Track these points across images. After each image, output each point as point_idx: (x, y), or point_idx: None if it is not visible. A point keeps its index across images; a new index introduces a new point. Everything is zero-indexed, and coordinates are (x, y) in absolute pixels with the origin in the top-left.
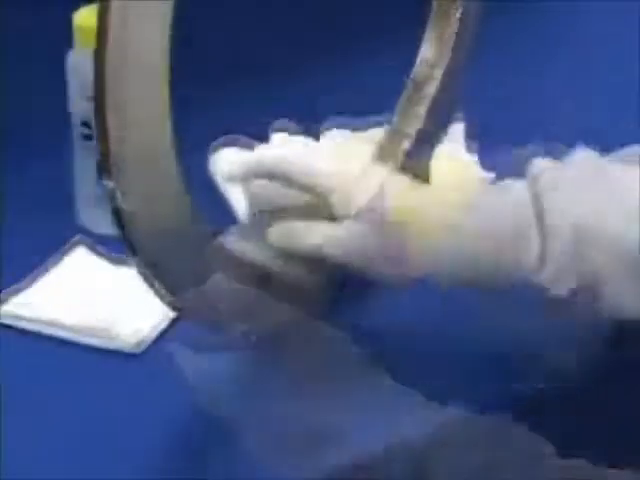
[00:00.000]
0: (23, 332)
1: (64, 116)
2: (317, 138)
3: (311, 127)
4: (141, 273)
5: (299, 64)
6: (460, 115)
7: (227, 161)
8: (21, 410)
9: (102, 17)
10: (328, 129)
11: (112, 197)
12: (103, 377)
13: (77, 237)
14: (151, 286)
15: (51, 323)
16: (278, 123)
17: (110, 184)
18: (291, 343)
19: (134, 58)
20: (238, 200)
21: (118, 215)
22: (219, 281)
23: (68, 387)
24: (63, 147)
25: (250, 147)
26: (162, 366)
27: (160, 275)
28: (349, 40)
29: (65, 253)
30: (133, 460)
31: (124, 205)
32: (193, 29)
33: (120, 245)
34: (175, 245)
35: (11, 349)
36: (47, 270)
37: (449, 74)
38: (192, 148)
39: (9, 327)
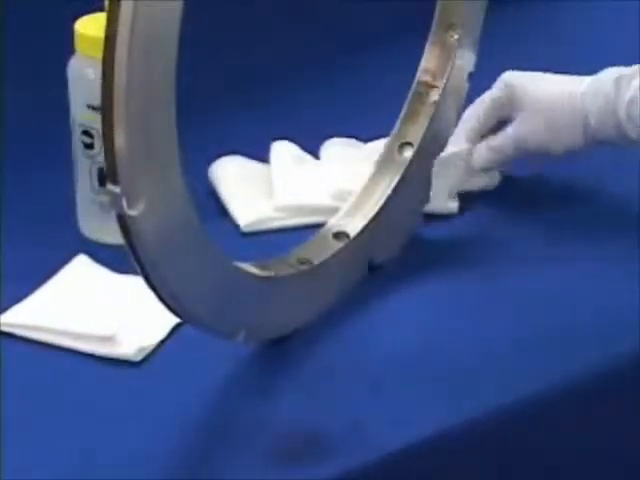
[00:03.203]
0: (24, 340)
1: (66, 125)
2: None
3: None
4: (144, 279)
5: (299, 74)
6: None
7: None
8: (22, 417)
9: (110, 26)
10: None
11: (117, 203)
12: (104, 385)
13: (78, 245)
14: (154, 292)
15: (52, 331)
16: (278, 145)
17: (116, 190)
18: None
19: (142, 68)
20: (238, 208)
21: (122, 221)
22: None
23: (69, 394)
24: (65, 156)
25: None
26: (162, 374)
27: (163, 280)
28: (350, 50)
29: (66, 261)
30: (133, 465)
31: (129, 211)
32: (193, 41)
33: (120, 253)
34: (178, 251)
35: (12, 357)
36: (48, 278)
37: (452, 82)
38: (192, 158)
39: (10, 335)
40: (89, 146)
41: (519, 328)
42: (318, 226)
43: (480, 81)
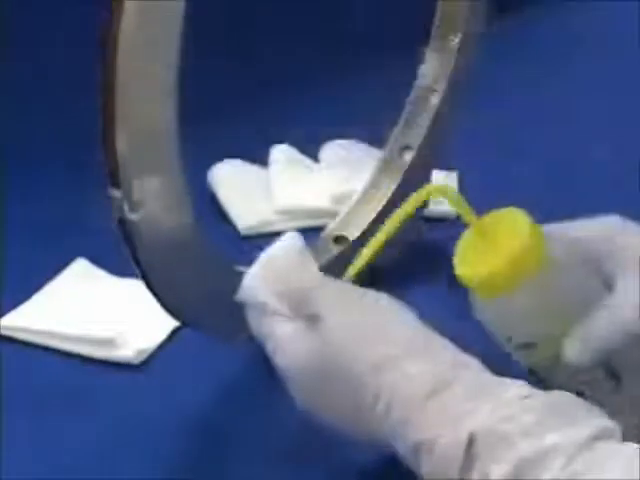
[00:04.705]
0: (23, 343)
1: (67, 128)
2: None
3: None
4: (144, 282)
5: (299, 77)
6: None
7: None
8: (21, 419)
9: (111, 27)
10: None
11: (118, 208)
12: (103, 387)
13: (77, 249)
14: (154, 295)
15: (51, 334)
16: (277, 149)
17: (117, 194)
18: None
19: (144, 72)
20: (237, 212)
21: (123, 225)
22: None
23: (68, 397)
24: (66, 159)
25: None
26: (162, 376)
27: (163, 284)
28: (350, 53)
29: (65, 265)
30: (133, 466)
31: (130, 215)
32: (192, 44)
33: (120, 256)
34: (179, 254)
35: (12, 360)
36: (47, 281)
37: (452, 86)
38: (192, 161)
39: (10, 338)
40: None
41: None
42: (318, 229)
43: (480, 84)
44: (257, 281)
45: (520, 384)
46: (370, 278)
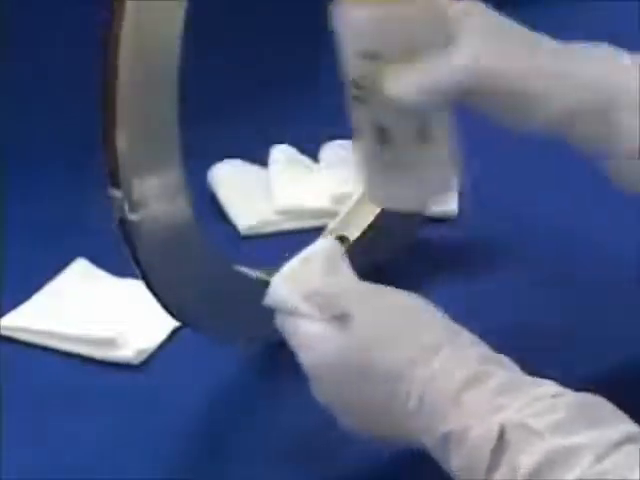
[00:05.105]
0: (23, 343)
1: (68, 128)
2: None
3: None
4: (145, 282)
5: (299, 77)
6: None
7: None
8: (21, 419)
9: (113, 27)
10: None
11: (119, 208)
12: (103, 388)
13: (77, 249)
14: (155, 296)
15: (51, 334)
16: (277, 149)
17: (117, 194)
18: None
19: (144, 70)
20: (237, 212)
21: (124, 225)
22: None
23: (68, 398)
24: (66, 159)
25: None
26: (162, 376)
27: (164, 284)
28: None
29: (65, 265)
30: (133, 466)
31: (130, 215)
32: (193, 44)
33: (119, 256)
34: (179, 255)
35: (12, 360)
36: (47, 281)
37: None
38: (192, 162)
39: (10, 338)
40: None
41: (520, 328)
42: (318, 229)
43: None
44: (285, 282)
45: (550, 383)
46: (371, 278)
